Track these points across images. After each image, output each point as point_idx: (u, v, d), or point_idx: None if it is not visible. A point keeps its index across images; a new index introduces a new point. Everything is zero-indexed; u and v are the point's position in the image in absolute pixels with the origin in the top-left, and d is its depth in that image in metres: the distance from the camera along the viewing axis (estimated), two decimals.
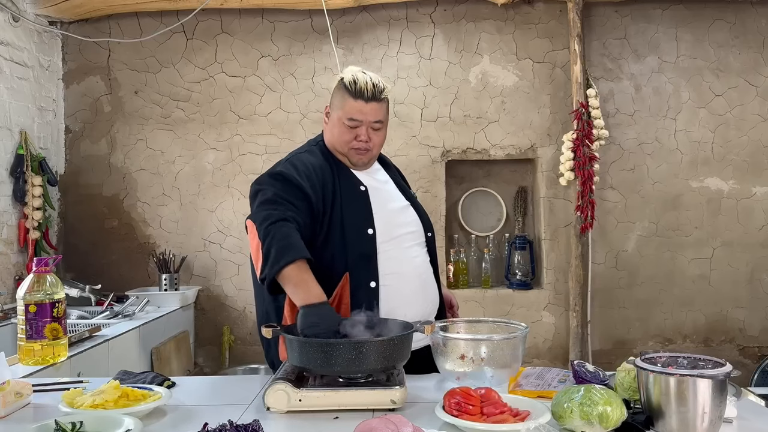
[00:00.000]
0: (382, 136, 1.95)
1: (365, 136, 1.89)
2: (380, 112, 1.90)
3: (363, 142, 1.90)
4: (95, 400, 1.51)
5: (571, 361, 1.74)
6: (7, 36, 3.44)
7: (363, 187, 1.93)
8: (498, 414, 1.37)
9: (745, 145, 3.79)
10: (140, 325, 3.12)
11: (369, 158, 1.97)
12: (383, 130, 1.95)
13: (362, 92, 1.86)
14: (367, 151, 1.93)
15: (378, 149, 1.97)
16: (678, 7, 3.79)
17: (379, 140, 1.94)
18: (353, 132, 1.90)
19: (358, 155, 1.93)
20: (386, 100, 1.92)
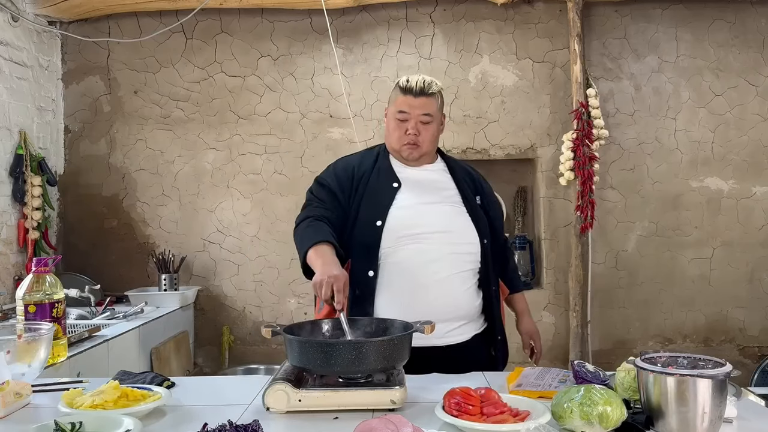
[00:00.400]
0: (432, 131, 2.03)
1: (414, 129, 2.00)
2: (429, 106, 2.00)
3: (411, 135, 2.00)
4: (95, 401, 1.51)
5: (571, 361, 1.73)
6: (6, 36, 3.44)
7: (396, 184, 2.02)
8: (498, 414, 1.36)
9: (745, 145, 3.79)
10: (140, 325, 3.12)
11: (420, 153, 2.04)
12: (433, 125, 2.02)
13: (411, 88, 1.99)
14: (416, 146, 2.02)
15: (428, 144, 2.03)
16: (678, 7, 3.79)
17: (428, 135, 2.02)
18: (403, 126, 2.01)
19: (409, 149, 2.02)
20: (436, 96, 2.02)
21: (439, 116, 2.04)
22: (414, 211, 1.98)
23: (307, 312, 3.87)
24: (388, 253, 1.94)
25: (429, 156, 2.09)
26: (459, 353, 1.98)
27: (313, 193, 2.06)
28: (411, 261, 1.93)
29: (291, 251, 3.84)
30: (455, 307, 1.97)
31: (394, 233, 1.94)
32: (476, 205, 2.06)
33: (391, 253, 1.94)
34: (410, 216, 1.96)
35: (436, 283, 1.93)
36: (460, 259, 1.98)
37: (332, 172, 2.09)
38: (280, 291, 3.88)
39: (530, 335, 2.23)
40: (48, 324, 1.88)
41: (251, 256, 3.89)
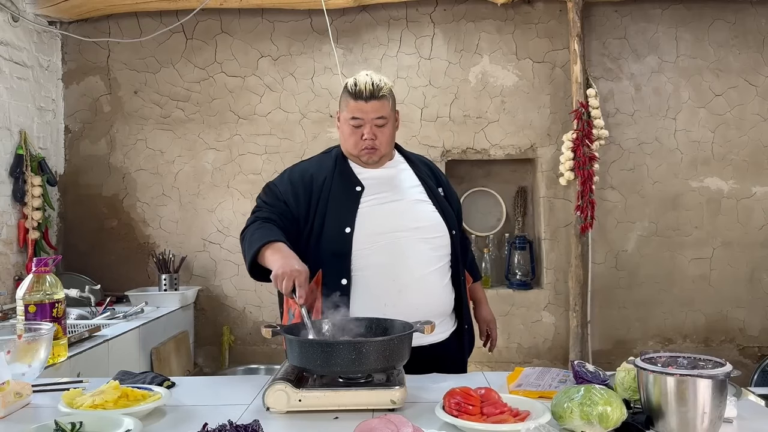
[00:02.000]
0: (388, 133, 1.99)
1: (369, 134, 1.95)
2: (382, 109, 1.95)
3: (368, 140, 1.96)
4: (95, 401, 1.51)
5: (571, 361, 1.73)
6: (6, 36, 3.44)
7: (359, 188, 1.98)
8: (498, 414, 1.36)
9: (745, 145, 3.79)
10: (140, 325, 3.12)
11: (379, 156, 2.01)
12: (388, 127, 1.98)
13: (361, 92, 1.93)
14: (374, 150, 1.98)
15: (386, 146, 2.01)
16: (678, 7, 3.79)
17: (385, 137, 1.98)
18: (358, 132, 1.96)
19: (368, 154, 1.99)
20: (387, 98, 1.96)
21: (392, 115, 2.01)
22: (381, 211, 1.95)
23: None
24: (361, 258, 1.90)
25: (387, 157, 2.06)
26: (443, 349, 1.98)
27: (263, 199, 2.04)
28: (386, 262, 1.90)
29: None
30: (436, 304, 1.96)
31: (364, 238, 1.90)
32: (441, 197, 2.07)
33: (365, 257, 1.90)
34: (378, 217, 1.94)
35: (414, 281, 1.91)
36: (435, 254, 1.96)
37: (287, 180, 2.03)
38: None
39: (487, 323, 2.29)
40: (48, 324, 1.88)
41: None
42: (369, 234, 1.91)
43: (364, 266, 1.90)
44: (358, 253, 1.90)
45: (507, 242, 3.96)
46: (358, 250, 1.90)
